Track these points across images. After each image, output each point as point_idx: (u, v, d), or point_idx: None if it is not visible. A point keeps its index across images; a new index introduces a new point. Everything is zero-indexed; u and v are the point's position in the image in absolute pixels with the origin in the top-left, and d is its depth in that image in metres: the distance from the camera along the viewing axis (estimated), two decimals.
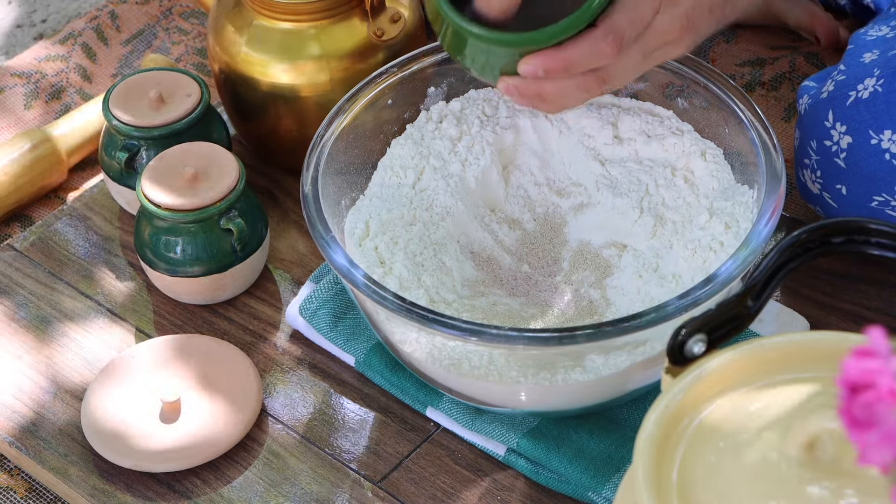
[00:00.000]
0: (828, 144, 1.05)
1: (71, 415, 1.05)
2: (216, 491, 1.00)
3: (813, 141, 1.06)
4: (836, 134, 1.05)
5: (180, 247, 1.08)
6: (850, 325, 1.07)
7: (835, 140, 1.05)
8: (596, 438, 0.99)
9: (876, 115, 1.03)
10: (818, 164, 1.06)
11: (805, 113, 1.08)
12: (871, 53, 1.07)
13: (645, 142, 1.08)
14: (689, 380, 0.74)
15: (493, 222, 1.09)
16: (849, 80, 1.06)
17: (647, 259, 1.03)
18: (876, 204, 1.04)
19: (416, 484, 1.00)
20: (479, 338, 0.91)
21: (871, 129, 1.03)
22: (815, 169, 1.07)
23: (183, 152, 1.11)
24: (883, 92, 1.03)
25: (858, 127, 1.03)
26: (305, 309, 1.08)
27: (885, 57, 1.05)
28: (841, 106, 1.05)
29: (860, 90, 1.04)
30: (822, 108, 1.06)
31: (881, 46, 1.07)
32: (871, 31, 1.09)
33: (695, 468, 0.71)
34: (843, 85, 1.06)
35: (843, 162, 1.04)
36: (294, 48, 1.15)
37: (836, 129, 1.05)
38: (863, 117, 1.03)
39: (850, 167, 1.04)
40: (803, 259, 0.78)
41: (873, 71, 1.04)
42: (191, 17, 1.41)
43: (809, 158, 1.07)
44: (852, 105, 1.04)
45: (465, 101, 1.11)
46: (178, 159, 1.10)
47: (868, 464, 0.64)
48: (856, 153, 1.04)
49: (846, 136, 1.04)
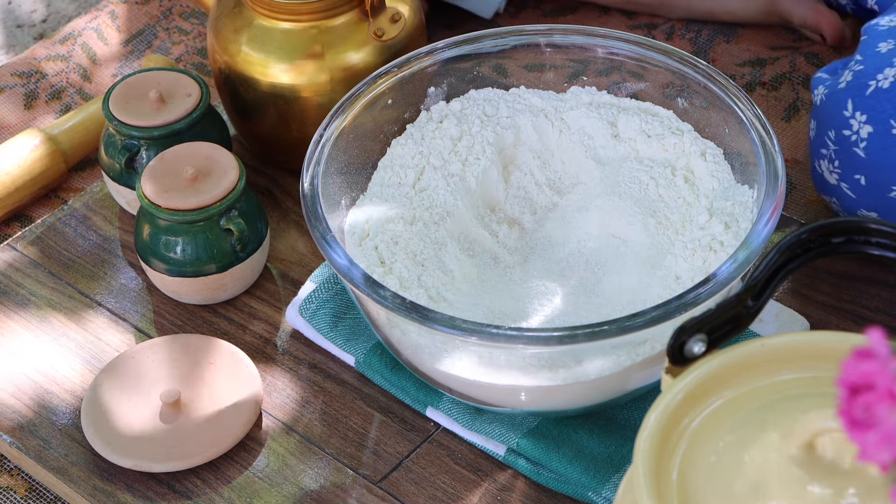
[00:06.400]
0: (847, 134, 1.05)
1: (71, 415, 1.05)
2: (216, 491, 1.00)
3: (831, 131, 1.06)
4: (856, 123, 1.04)
5: (180, 247, 1.08)
6: (850, 325, 1.07)
7: (854, 130, 1.05)
8: (596, 438, 0.99)
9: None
10: (836, 154, 1.06)
11: (822, 103, 1.08)
12: (886, 43, 1.07)
13: (645, 141, 1.08)
14: (689, 380, 0.74)
15: (493, 222, 1.09)
16: (867, 69, 1.05)
17: (646, 259, 1.03)
18: (894, 194, 1.04)
19: (416, 484, 1.00)
20: (479, 338, 0.91)
21: (893, 118, 1.03)
22: (833, 159, 1.06)
23: (183, 152, 1.11)
24: None
25: (879, 116, 1.03)
26: (305, 309, 1.08)
27: None
28: (861, 95, 1.05)
29: (880, 80, 1.04)
30: (841, 97, 1.06)
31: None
32: (883, 22, 1.09)
33: (695, 468, 0.71)
34: (861, 74, 1.05)
35: (862, 152, 1.04)
36: (294, 48, 1.15)
37: (856, 119, 1.04)
38: (883, 107, 1.03)
39: (870, 157, 1.04)
40: (803, 259, 0.78)
41: (892, 60, 1.04)
42: (191, 17, 1.41)
43: (827, 149, 1.07)
44: (872, 94, 1.04)
45: (465, 100, 1.12)
46: (178, 159, 1.10)
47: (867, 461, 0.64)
48: (876, 143, 1.04)
49: (866, 125, 1.04)
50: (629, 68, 1.10)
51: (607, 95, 1.11)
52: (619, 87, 1.12)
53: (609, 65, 1.11)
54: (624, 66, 1.11)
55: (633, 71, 1.11)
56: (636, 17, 1.36)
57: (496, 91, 1.12)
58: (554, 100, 1.12)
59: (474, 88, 1.12)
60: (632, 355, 0.95)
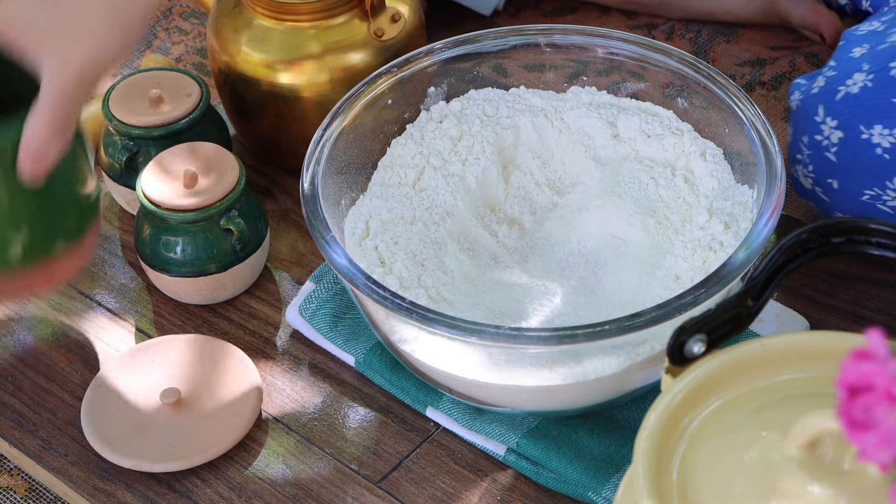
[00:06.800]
0: (819, 139, 1.05)
1: (71, 415, 1.05)
2: (216, 491, 1.00)
3: (804, 136, 1.07)
4: (827, 129, 1.05)
5: (180, 247, 1.08)
6: (850, 325, 1.07)
7: (826, 135, 1.05)
8: (596, 438, 0.99)
9: (866, 111, 1.03)
10: (810, 158, 1.06)
11: (797, 109, 1.08)
12: (860, 48, 1.07)
13: (645, 141, 1.08)
14: (689, 380, 0.74)
15: (493, 222, 1.09)
16: (839, 75, 1.06)
17: (646, 259, 1.03)
18: (867, 198, 1.04)
19: (416, 484, 1.00)
20: (479, 337, 0.91)
21: (862, 124, 1.03)
22: (808, 164, 1.07)
23: (183, 152, 1.11)
24: (873, 87, 1.03)
25: (849, 122, 1.04)
26: (305, 309, 1.08)
27: (875, 51, 1.05)
28: (831, 101, 1.05)
29: (850, 85, 1.04)
30: (813, 103, 1.06)
31: (871, 40, 1.07)
32: (863, 27, 1.10)
33: (695, 468, 0.71)
34: (833, 80, 1.06)
35: (834, 156, 1.05)
36: (294, 48, 1.15)
37: (827, 124, 1.05)
38: (853, 112, 1.04)
39: (842, 162, 1.05)
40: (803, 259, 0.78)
41: (862, 66, 1.05)
42: (191, 17, 1.41)
43: (801, 154, 1.07)
44: (842, 100, 1.04)
45: (465, 100, 1.12)
46: (178, 159, 1.10)
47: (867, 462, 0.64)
48: (847, 148, 1.04)
49: (837, 130, 1.04)
50: (629, 68, 1.10)
51: (607, 95, 1.11)
52: (619, 87, 1.12)
53: (609, 65, 1.11)
54: (624, 66, 1.11)
55: (633, 71, 1.11)
56: (636, 17, 1.36)
57: (496, 91, 1.12)
58: (554, 100, 1.12)
59: (474, 88, 1.12)
60: (632, 355, 0.95)
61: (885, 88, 1.02)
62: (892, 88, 1.02)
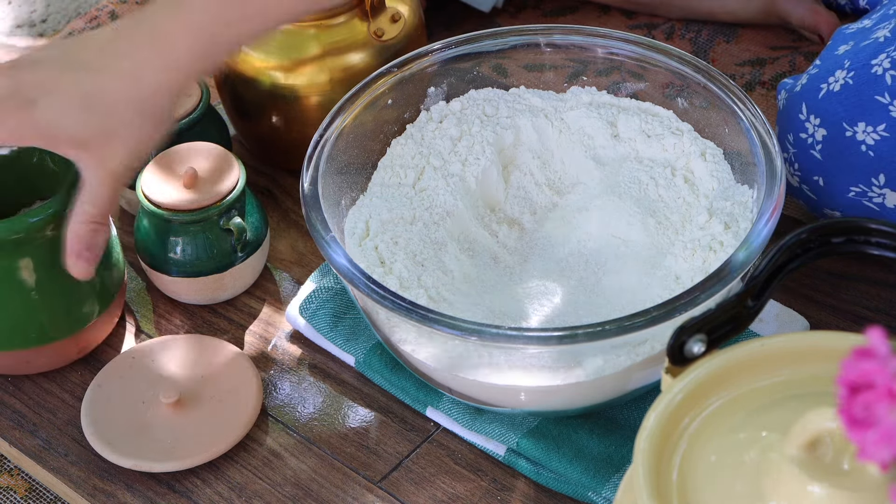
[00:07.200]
0: (803, 137, 1.06)
1: (71, 415, 1.05)
2: (216, 491, 1.00)
3: (790, 134, 1.07)
4: (811, 127, 1.05)
5: (180, 247, 1.08)
6: (850, 325, 1.07)
7: (810, 133, 1.05)
8: (596, 438, 0.99)
9: (848, 108, 1.03)
10: (795, 157, 1.07)
11: (783, 107, 1.08)
12: (846, 45, 1.07)
13: (644, 141, 1.08)
14: (689, 380, 0.74)
15: (493, 222, 1.09)
16: (821, 72, 1.06)
17: (646, 259, 1.03)
18: (853, 195, 1.04)
19: (416, 484, 1.00)
20: (479, 337, 0.91)
21: (845, 121, 1.03)
22: (793, 162, 1.07)
23: (183, 152, 1.11)
24: (854, 84, 1.03)
25: (831, 119, 1.04)
26: (305, 309, 1.08)
27: (857, 48, 1.05)
28: (814, 99, 1.05)
29: (831, 83, 1.04)
30: (797, 101, 1.06)
31: (857, 37, 1.07)
32: (854, 25, 1.10)
33: (695, 468, 0.71)
34: (815, 78, 1.06)
35: (818, 154, 1.05)
36: (294, 48, 1.15)
37: (811, 122, 1.05)
38: (835, 109, 1.04)
39: (826, 159, 1.05)
40: (803, 259, 0.78)
41: (844, 63, 1.05)
42: None
43: (787, 152, 1.07)
44: (824, 98, 1.04)
45: (465, 100, 1.12)
46: (178, 159, 1.10)
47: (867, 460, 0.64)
48: (831, 145, 1.04)
49: (820, 128, 1.04)
50: (629, 68, 1.10)
51: (607, 95, 1.12)
52: (619, 87, 1.12)
53: (609, 65, 1.11)
54: (624, 66, 1.11)
55: (633, 71, 1.11)
56: (636, 17, 1.36)
57: (496, 91, 1.12)
58: (554, 100, 1.12)
59: (474, 88, 1.12)
60: (632, 355, 0.95)
61: (867, 85, 1.02)
62: (873, 86, 1.02)
